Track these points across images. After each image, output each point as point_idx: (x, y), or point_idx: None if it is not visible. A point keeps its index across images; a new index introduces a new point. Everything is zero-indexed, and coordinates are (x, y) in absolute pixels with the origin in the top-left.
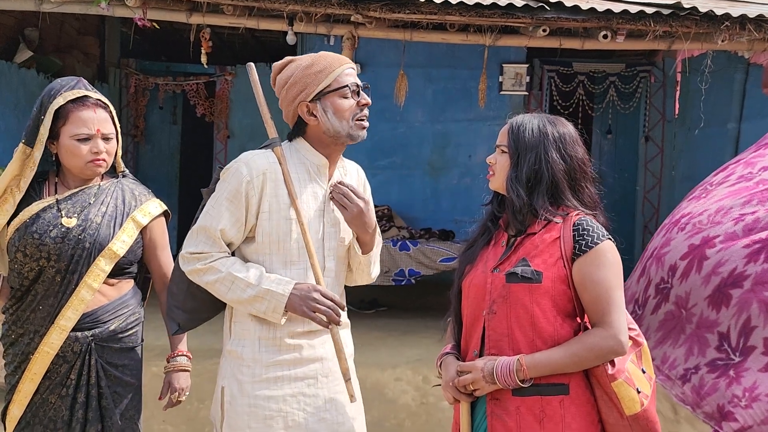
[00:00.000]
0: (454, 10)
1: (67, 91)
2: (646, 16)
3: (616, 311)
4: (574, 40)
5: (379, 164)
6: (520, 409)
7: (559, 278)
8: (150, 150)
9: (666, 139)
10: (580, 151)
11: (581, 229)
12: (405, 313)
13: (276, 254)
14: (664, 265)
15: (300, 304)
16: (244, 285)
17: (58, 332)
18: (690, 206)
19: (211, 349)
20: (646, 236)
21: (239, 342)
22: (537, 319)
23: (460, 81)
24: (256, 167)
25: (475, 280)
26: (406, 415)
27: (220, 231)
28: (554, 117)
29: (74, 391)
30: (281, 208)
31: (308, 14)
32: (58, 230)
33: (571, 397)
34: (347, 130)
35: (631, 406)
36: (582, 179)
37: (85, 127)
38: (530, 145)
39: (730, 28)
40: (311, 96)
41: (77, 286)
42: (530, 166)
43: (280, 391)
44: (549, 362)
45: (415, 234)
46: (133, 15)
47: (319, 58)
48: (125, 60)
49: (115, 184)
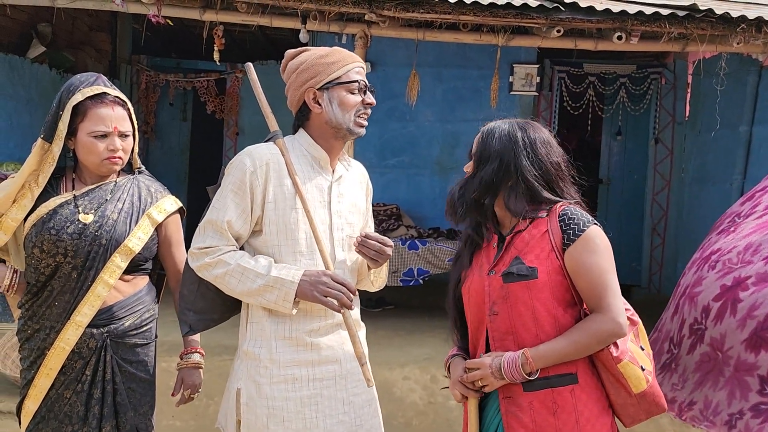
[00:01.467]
0: (469, 10)
1: (86, 87)
2: (661, 18)
3: (611, 294)
4: (588, 41)
5: (388, 163)
6: (533, 404)
7: (553, 270)
8: (160, 146)
9: (676, 141)
10: (553, 154)
11: (567, 218)
12: (412, 311)
13: (285, 245)
14: (697, 305)
15: (310, 289)
16: (254, 275)
17: (74, 328)
18: (719, 241)
19: (220, 345)
20: (655, 238)
21: (255, 342)
22: (538, 314)
23: (470, 81)
24: (259, 158)
25: (473, 285)
26: (414, 414)
27: (226, 223)
28: (526, 122)
29: (90, 387)
30: (286, 197)
31: (322, 12)
32: (75, 226)
33: (581, 385)
34: (348, 124)
35: (637, 384)
36: (559, 180)
37: (103, 125)
38: (494, 152)
39: (746, 31)
40: (320, 84)
41: (93, 282)
42: (490, 173)
43: (298, 392)
44: (553, 352)
45: (424, 233)
46: (148, 11)
47: (334, 51)
48: (136, 56)
49: (131, 180)
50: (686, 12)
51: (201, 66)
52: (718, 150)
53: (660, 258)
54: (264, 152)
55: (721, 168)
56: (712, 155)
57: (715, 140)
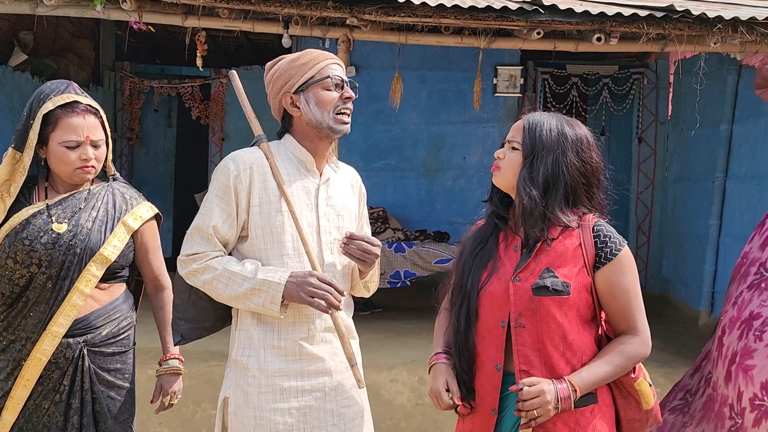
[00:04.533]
0: (449, 13)
1: (56, 95)
2: (639, 19)
3: (642, 316)
4: (568, 43)
5: (374, 166)
6: (556, 424)
7: (583, 287)
8: (145, 153)
9: (659, 140)
10: (595, 155)
11: (602, 236)
12: (400, 314)
13: (271, 248)
14: (754, 381)
15: (297, 290)
16: (241, 279)
17: (50, 339)
18: (754, 300)
19: (207, 351)
20: (640, 236)
21: (244, 351)
22: (567, 332)
23: (455, 83)
24: (243, 162)
25: (491, 287)
26: (402, 416)
27: (213, 228)
28: (570, 118)
29: (68, 397)
30: (272, 200)
31: (304, 17)
32: (49, 236)
33: (599, 404)
34: (328, 122)
35: (648, 400)
36: (596, 185)
37: (75, 134)
38: (548, 145)
39: (723, 31)
40: (295, 87)
41: (69, 292)
42: (547, 167)
43: (287, 403)
44: (596, 378)
45: (410, 236)
46: (129, 18)
47: (306, 52)
48: (120, 63)
49: (106, 188)
50: (664, 13)
51: (185, 72)
52: (700, 148)
53: (645, 256)
54: (248, 156)
55: (703, 166)
56: (695, 154)
57: (697, 139)
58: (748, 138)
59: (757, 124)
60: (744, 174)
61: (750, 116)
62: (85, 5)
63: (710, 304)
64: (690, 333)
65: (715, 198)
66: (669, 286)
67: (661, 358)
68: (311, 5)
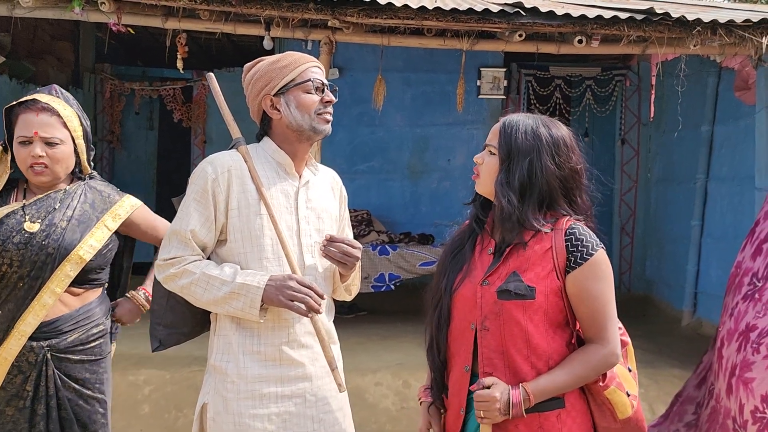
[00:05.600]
0: (431, 15)
1: (27, 94)
2: (619, 21)
3: (612, 325)
4: (550, 45)
5: (358, 168)
6: (518, 426)
7: (552, 291)
8: (126, 156)
9: (641, 141)
10: (574, 158)
11: (574, 239)
12: (385, 317)
13: (250, 252)
14: (754, 394)
15: (276, 293)
16: (219, 283)
17: (17, 338)
18: (750, 312)
19: (189, 356)
20: (623, 237)
21: (223, 356)
22: (531, 336)
23: (439, 85)
24: (221, 165)
25: (463, 290)
26: (387, 420)
27: (190, 232)
28: (549, 119)
29: (32, 403)
30: (250, 203)
31: (285, 19)
32: (21, 236)
33: (567, 409)
34: (310, 123)
35: (623, 410)
36: (575, 188)
37: (25, 130)
38: (523, 149)
39: (702, 33)
40: (275, 90)
41: (39, 291)
42: (522, 172)
43: (266, 409)
44: (554, 387)
45: (395, 238)
46: (108, 20)
47: (286, 55)
48: (100, 65)
49: (82, 187)
50: (644, 15)
51: (167, 74)
52: (682, 150)
53: (629, 257)
54: (226, 159)
55: (685, 167)
56: (677, 155)
57: (679, 140)
58: (729, 139)
59: (737, 125)
60: (725, 175)
61: (730, 118)
62: (63, 7)
63: (693, 304)
64: (673, 333)
65: (697, 199)
66: (652, 287)
67: (644, 358)
68: (292, 7)
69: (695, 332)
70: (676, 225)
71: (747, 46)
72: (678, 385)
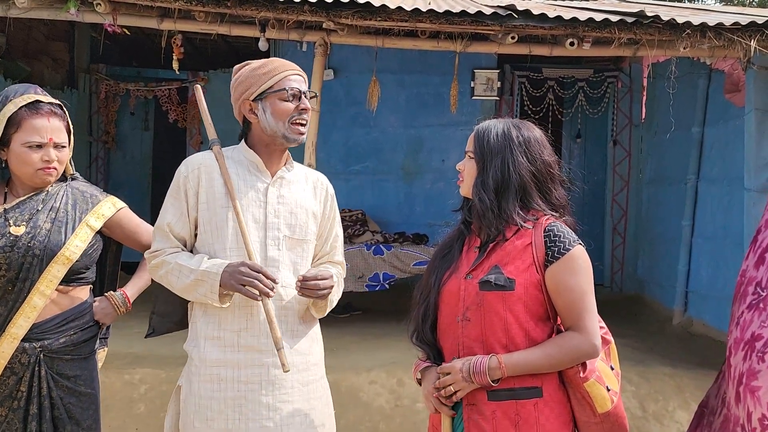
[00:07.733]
0: (425, 18)
1: (16, 97)
2: (611, 24)
3: (589, 316)
4: (543, 47)
5: (353, 169)
6: (495, 413)
7: (531, 284)
8: (122, 157)
9: (633, 142)
10: (546, 153)
11: (552, 235)
12: (379, 316)
13: (216, 242)
14: (761, 401)
15: (229, 279)
16: (188, 271)
17: (9, 340)
18: (755, 321)
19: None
20: (615, 238)
21: (191, 342)
22: (510, 326)
23: (433, 86)
24: (192, 164)
25: (449, 286)
26: (381, 418)
27: (167, 225)
28: (520, 121)
29: (26, 404)
30: (217, 197)
31: (280, 21)
32: (7, 240)
33: (545, 399)
34: (282, 131)
35: (602, 404)
36: (549, 182)
37: (38, 135)
38: (495, 149)
39: (692, 36)
40: (254, 95)
41: (29, 293)
42: (496, 170)
43: (224, 393)
44: (526, 361)
45: (389, 238)
46: (103, 21)
47: (269, 61)
48: (95, 65)
49: (64, 188)
50: (635, 18)
51: (162, 75)
52: (673, 151)
53: (621, 257)
54: (198, 158)
55: (676, 168)
56: (668, 156)
57: (670, 141)
58: (719, 140)
59: (726, 126)
60: (715, 176)
61: (720, 119)
62: (58, 8)
63: (684, 303)
64: (664, 332)
65: (688, 199)
66: (643, 286)
67: (635, 356)
68: (287, 9)
69: (686, 331)
70: (667, 225)
71: (736, 48)
72: (669, 384)
